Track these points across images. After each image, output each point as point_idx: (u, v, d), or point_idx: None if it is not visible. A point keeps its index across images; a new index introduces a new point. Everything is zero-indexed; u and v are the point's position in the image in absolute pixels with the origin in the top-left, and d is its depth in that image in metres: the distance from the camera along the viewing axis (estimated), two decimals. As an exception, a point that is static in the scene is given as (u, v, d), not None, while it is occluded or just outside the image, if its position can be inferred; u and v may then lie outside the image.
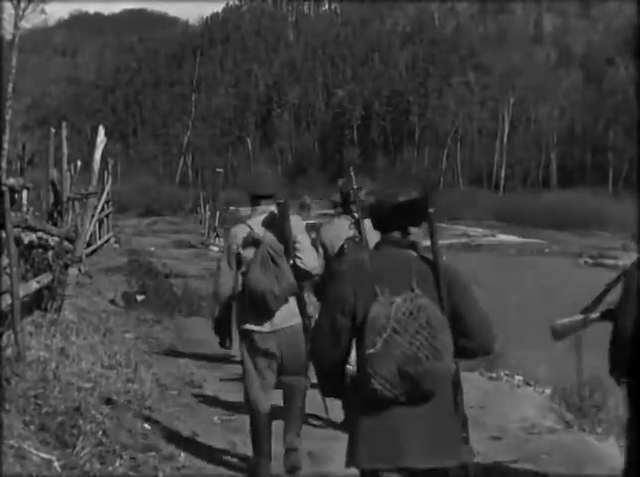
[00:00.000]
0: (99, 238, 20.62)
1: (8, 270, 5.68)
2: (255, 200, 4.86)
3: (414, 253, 3.05)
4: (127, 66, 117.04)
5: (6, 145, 25.73)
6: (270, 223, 4.71)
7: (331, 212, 6.16)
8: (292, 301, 4.66)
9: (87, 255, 15.73)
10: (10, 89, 32.98)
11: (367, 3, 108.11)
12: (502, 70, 76.49)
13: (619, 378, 4.14)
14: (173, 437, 5.46)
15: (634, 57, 64.92)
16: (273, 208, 4.76)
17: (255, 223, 4.76)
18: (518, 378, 7.87)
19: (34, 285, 7.10)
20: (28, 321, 6.91)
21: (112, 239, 23.26)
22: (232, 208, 41.18)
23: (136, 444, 4.94)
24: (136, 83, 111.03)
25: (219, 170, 31.89)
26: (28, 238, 7.00)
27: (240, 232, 4.79)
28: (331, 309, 2.99)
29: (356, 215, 5.42)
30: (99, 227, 20.81)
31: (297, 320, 4.69)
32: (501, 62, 77.53)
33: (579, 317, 4.50)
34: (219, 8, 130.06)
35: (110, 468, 4.43)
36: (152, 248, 24.71)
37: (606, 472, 5.32)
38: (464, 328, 2.95)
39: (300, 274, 4.67)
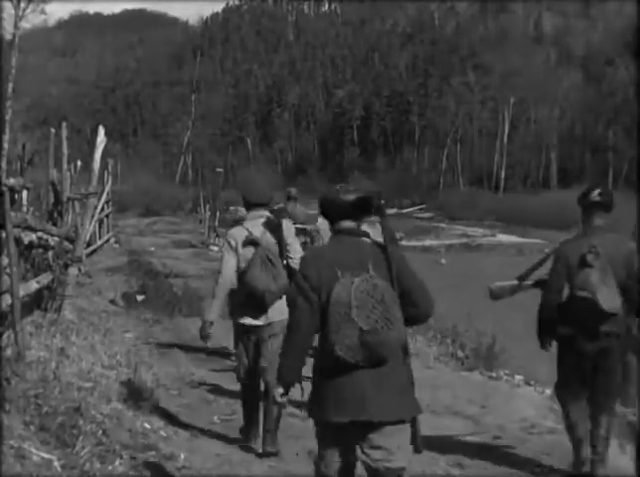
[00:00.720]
0: (99, 238, 20.62)
1: (8, 270, 5.68)
2: (249, 206, 5.37)
3: (368, 240, 3.59)
4: (127, 66, 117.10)
5: (6, 145, 25.73)
6: (267, 226, 5.23)
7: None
8: (284, 297, 4.90)
9: (87, 255, 15.73)
10: (10, 89, 32.99)
11: (367, 3, 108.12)
12: (502, 70, 76.45)
13: (545, 339, 5.02)
14: (173, 437, 5.46)
15: (634, 57, 64.91)
16: (267, 213, 5.30)
17: (252, 226, 5.25)
18: (518, 378, 7.88)
19: (34, 285, 7.10)
20: (28, 321, 6.91)
21: (112, 239, 23.26)
22: (232, 208, 41.06)
23: (136, 444, 4.94)
24: (136, 83, 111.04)
25: (219, 170, 31.95)
26: (28, 238, 7.01)
27: (237, 233, 5.26)
28: (303, 289, 3.51)
29: None
30: (99, 227, 20.81)
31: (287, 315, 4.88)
32: (501, 62, 77.49)
33: (515, 282, 5.29)
34: (219, 8, 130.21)
35: (110, 468, 4.43)
36: (152, 248, 24.71)
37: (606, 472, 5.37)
38: (410, 300, 3.52)
39: (292, 273, 5.00)
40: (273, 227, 5.24)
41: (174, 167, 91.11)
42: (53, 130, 10.67)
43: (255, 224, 5.26)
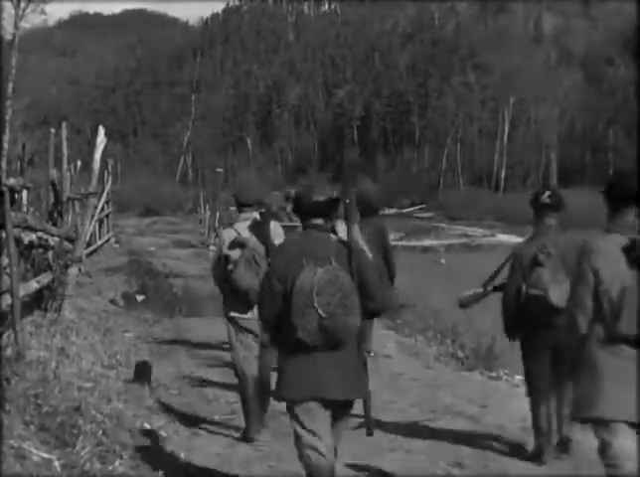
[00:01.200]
0: (99, 238, 20.62)
1: (8, 270, 5.68)
2: (240, 206, 5.69)
3: (334, 236, 4.00)
4: (127, 66, 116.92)
5: (6, 145, 25.69)
6: (254, 228, 5.50)
7: None
8: None
9: (87, 255, 15.72)
10: (10, 89, 32.96)
11: (367, 3, 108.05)
12: (502, 70, 76.40)
13: (510, 335, 5.44)
14: (173, 437, 5.46)
15: (634, 57, 64.91)
16: (256, 214, 5.58)
17: (241, 227, 5.55)
18: (518, 378, 7.87)
19: (34, 285, 7.11)
20: (28, 321, 6.92)
21: (112, 239, 23.26)
22: (232, 208, 41.12)
23: (136, 444, 4.94)
24: (136, 83, 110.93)
25: (219, 170, 31.83)
26: (28, 238, 7.01)
27: (227, 235, 5.62)
28: (270, 277, 3.93)
29: None
30: (99, 227, 20.81)
31: None
32: (501, 62, 77.44)
33: (480, 290, 5.62)
34: (219, 8, 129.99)
35: (110, 467, 4.43)
36: (152, 248, 24.71)
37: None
38: (367, 293, 3.87)
39: None
40: (260, 228, 5.48)
41: (174, 167, 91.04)
42: (53, 130, 10.68)
43: (244, 225, 5.54)
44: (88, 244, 16.89)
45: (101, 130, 8.96)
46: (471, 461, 5.34)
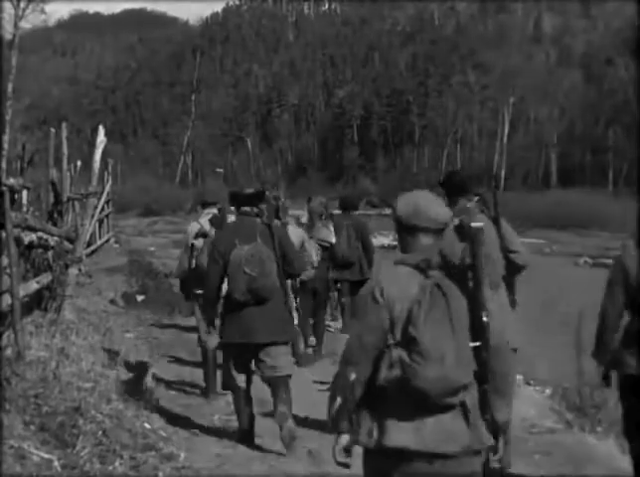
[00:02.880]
0: (99, 237, 20.61)
1: (8, 270, 5.68)
2: (203, 205, 7.10)
3: (259, 220, 5.48)
4: (127, 66, 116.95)
5: (6, 145, 25.70)
6: (213, 221, 6.62)
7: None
8: None
9: (87, 255, 15.71)
10: (10, 89, 32.96)
11: (367, 3, 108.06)
12: (502, 70, 76.40)
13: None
14: (173, 437, 5.46)
15: (634, 57, 64.89)
16: (215, 211, 6.78)
17: (204, 221, 6.76)
18: (518, 378, 7.87)
19: (34, 285, 7.10)
20: (28, 321, 6.91)
21: (112, 239, 23.24)
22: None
23: (136, 444, 4.94)
24: (136, 83, 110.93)
25: (219, 170, 31.93)
26: (28, 238, 7.01)
27: (193, 227, 6.88)
28: (213, 254, 5.40)
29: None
30: (99, 227, 20.80)
31: None
32: (501, 62, 77.44)
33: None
34: (219, 8, 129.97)
35: (110, 468, 4.43)
36: (152, 248, 24.70)
37: (606, 472, 5.37)
38: (287, 261, 5.38)
39: None
40: (217, 221, 6.58)
41: (174, 167, 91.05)
42: (53, 130, 10.66)
43: (205, 219, 6.74)
44: (88, 244, 16.88)
45: (101, 130, 8.96)
46: (471, 461, 5.32)
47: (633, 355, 4.27)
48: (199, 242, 6.65)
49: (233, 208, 6.03)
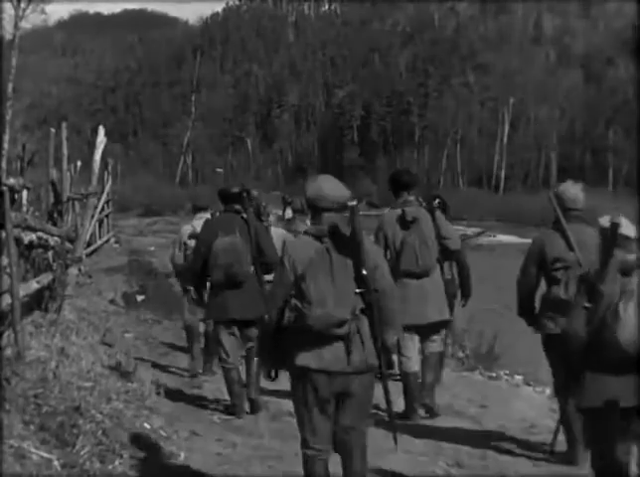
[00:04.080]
0: (99, 237, 20.61)
1: (8, 270, 5.68)
2: (196, 209, 8.06)
3: (239, 215, 6.29)
4: (127, 66, 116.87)
5: (6, 145, 25.71)
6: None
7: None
8: None
9: (87, 255, 15.72)
10: (10, 89, 32.96)
11: (367, 3, 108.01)
12: (502, 70, 76.38)
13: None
14: (173, 437, 5.46)
15: (634, 57, 64.90)
16: (208, 215, 7.58)
17: (196, 224, 7.46)
18: (518, 378, 7.88)
19: (34, 285, 7.10)
20: (28, 321, 6.91)
21: (112, 239, 23.24)
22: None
23: (136, 444, 4.94)
24: (136, 83, 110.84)
25: (219, 170, 31.92)
26: (28, 238, 7.00)
27: (185, 229, 7.88)
28: (199, 244, 6.36)
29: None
30: (99, 227, 20.80)
31: None
32: (501, 62, 77.42)
33: None
34: (219, 8, 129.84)
35: (110, 467, 4.43)
36: (152, 248, 24.67)
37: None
38: (263, 252, 6.21)
39: None
40: None
41: (174, 167, 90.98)
42: (53, 130, 10.67)
43: (198, 222, 7.34)
44: (89, 244, 16.89)
45: (101, 130, 8.96)
46: (471, 461, 5.34)
47: (550, 318, 5.15)
48: (191, 243, 7.35)
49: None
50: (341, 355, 3.76)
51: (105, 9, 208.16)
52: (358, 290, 3.77)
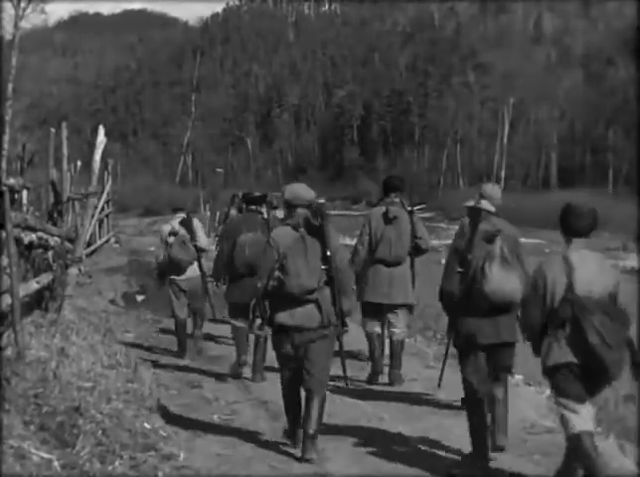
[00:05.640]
0: (99, 237, 20.60)
1: (8, 270, 5.68)
2: (174, 210, 9.05)
3: (259, 215, 7.58)
4: (127, 66, 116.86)
5: (6, 145, 25.69)
6: (183, 223, 8.71)
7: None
8: (195, 264, 8.75)
9: (87, 255, 15.71)
10: (10, 89, 32.95)
11: (367, 3, 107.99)
12: (502, 70, 76.34)
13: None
14: (173, 437, 5.46)
15: (634, 57, 64.88)
16: (184, 214, 8.78)
17: (175, 223, 8.71)
18: (518, 378, 7.87)
19: (34, 285, 7.10)
20: (28, 321, 6.91)
21: (112, 239, 23.23)
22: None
23: (136, 444, 4.94)
24: (136, 83, 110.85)
25: (219, 170, 31.76)
26: (28, 238, 7.01)
27: (166, 228, 8.82)
28: (222, 239, 7.85)
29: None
30: (99, 227, 20.79)
31: (197, 274, 8.85)
32: (501, 62, 77.37)
33: None
34: (219, 8, 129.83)
35: (110, 467, 4.43)
36: (152, 248, 24.62)
37: (605, 472, 5.34)
38: None
39: (197, 250, 8.70)
40: (186, 222, 8.70)
41: (174, 167, 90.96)
42: (53, 130, 10.66)
43: (176, 221, 8.68)
44: (88, 244, 16.88)
45: (101, 130, 8.95)
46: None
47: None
48: (171, 239, 8.55)
49: (232, 205, 8.99)
50: (309, 314, 5.11)
51: (105, 9, 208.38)
52: (323, 267, 5.11)
